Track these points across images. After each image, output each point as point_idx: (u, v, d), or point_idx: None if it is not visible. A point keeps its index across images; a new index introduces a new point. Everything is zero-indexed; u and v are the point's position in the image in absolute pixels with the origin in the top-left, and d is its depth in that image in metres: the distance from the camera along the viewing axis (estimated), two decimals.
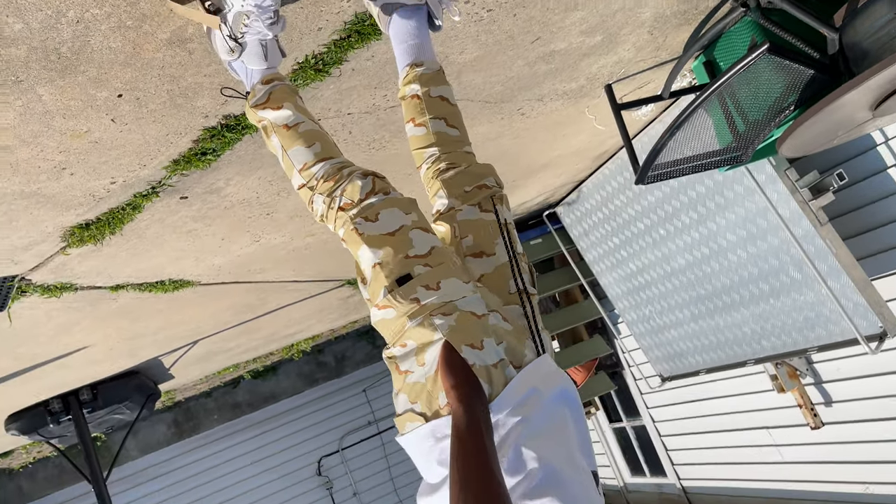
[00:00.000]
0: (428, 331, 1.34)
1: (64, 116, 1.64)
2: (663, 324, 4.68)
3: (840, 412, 4.00)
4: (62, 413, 4.49)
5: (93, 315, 3.33)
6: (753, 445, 4.82)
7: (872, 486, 3.99)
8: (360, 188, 1.47)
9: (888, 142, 3.23)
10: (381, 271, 1.40)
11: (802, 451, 4.38)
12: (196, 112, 1.87)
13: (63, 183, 1.96)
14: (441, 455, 1.33)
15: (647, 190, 4.19)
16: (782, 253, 3.49)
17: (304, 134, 1.50)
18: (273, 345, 6.30)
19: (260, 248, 3.35)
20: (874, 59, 2.27)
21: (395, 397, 1.44)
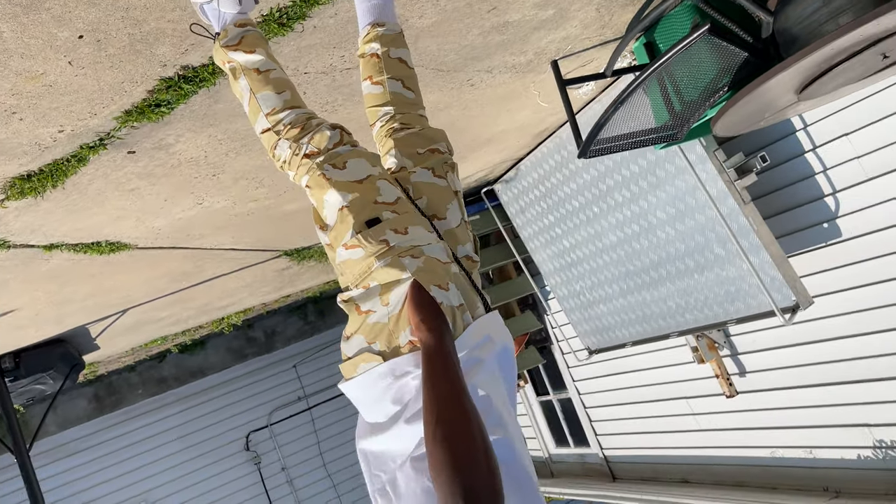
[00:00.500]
0: (396, 270, 1.38)
1: (22, 56, 1.60)
2: (593, 299, 4.87)
3: (753, 382, 4.28)
4: None
5: (22, 276, 3.21)
6: (672, 415, 5.10)
7: (779, 451, 4.30)
8: (329, 138, 1.51)
9: (806, 128, 3.47)
10: (350, 213, 1.43)
11: (717, 419, 4.67)
12: (155, 60, 1.85)
13: (11, 129, 1.90)
14: (398, 393, 1.38)
15: (582, 168, 4.34)
16: (707, 230, 3.70)
17: (274, 80, 1.52)
18: (204, 317, 6.19)
19: (202, 211, 3.30)
20: (802, 45, 2.44)
21: (345, 342, 1.47)
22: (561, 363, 6.17)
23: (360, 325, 1.42)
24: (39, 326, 4.13)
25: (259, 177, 3.14)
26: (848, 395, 3.73)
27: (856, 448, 3.81)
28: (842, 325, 3.59)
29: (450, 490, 1.07)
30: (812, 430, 4.02)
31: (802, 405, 4.02)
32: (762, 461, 4.44)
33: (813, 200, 3.51)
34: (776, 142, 3.54)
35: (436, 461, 1.12)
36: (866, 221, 3.33)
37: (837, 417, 3.83)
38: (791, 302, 3.42)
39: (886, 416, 3.57)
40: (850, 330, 3.57)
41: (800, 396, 4.01)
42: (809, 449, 4.08)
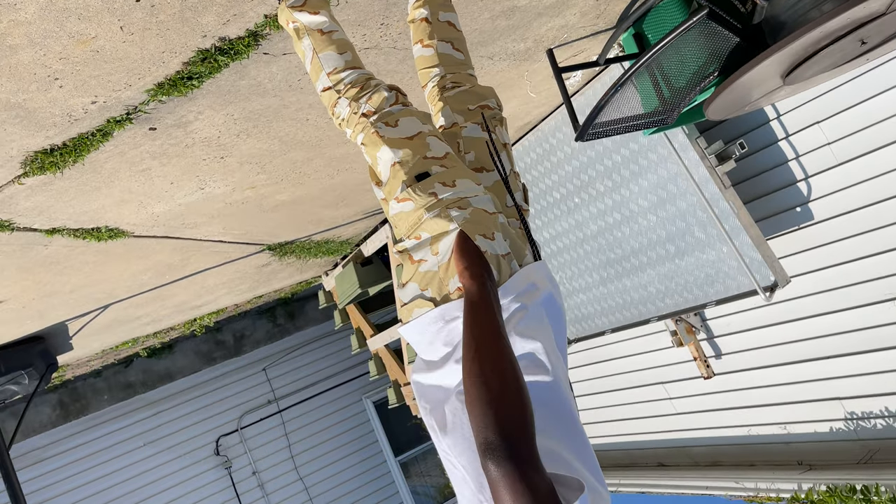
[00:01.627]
0: (444, 221, 1.46)
1: (79, 18, 1.63)
2: (573, 288, 5.02)
3: (729, 363, 4.48)
4: None
5: (19, 262, 3.17)
6: (649, 400, 5.27)
7: (754, 428, 4.51)
8: (385, 99, 1.58)
9: (780, 117, 3.68)
10: (401, 168, 1.52)
11: (694, 402, 4.86)
12: (198, 30, 1.90)
13: (49, 96, 1.92)
14: (448, 336, 1.46)
15: (563, 160, 4.49)
16: (689, 216, 3.89)
17: (337, 41, 1.59)
18: (179, 316, 6.12)
19: (202, 197, 3.32)
20: (790, 30, 2.63)
21: (400, 289, 1.56)
22: None
23: (413, 273, 1.50)
24: (23, 321, 4.05)
25: (262, 162, 3.18)
26: (821, 371, 3.94)
27: (828, 421, 4.03)
28: (815, 304, 3.81)
29: (482, 423, 1.14)
30: (786, 406, 4.23)
31: (777, 383, 4.23)
32: (738, 440, 4.64)
33: (788, 185, 3.72)
34: (753, 130, 3.75)
35: (470, 396, 1.19)
36: (837, 204, 3.56)
37: (810, 393, 4.04)
38: (770, 281, 3.62)
39: (857, 389, 3.80)
40: (823, 308, 3.79)
41: (774, 375, 4.22)
42: (784, 425, 4.29)
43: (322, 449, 8.36)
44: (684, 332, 4.51)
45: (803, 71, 2.69)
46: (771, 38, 2.78)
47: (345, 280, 6.17)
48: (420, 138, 1.57)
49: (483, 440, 1.12)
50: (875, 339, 3.60)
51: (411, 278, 1.51)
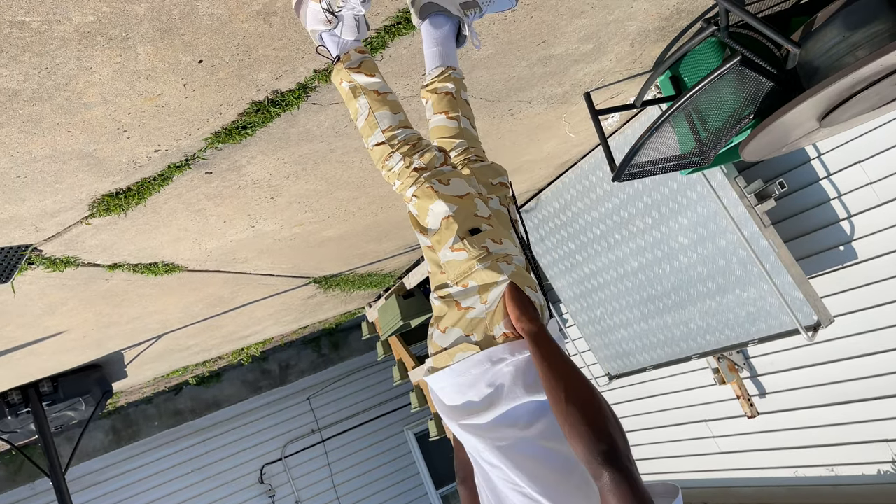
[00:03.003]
0: (494, 273, 1.58)
1: (148, 78, 1.79)
2: (614, 324, 5.03)
3: (773, 402, 4.42)
4: (21, 405, 4.40)
5: (81, 295, 3.36)
6: (692, 438, 5.21)
7: (801, 470, 4.42)
8: (436, 157, 1.71)
9: (820, 156, 3.69)
10: (455, 222, 1.64)
11: (739, 441, 4.79)
12: (252, 84, 2.05)
13: (118, 146, 2.08)
14: (493, 377, 1.57)
15: (603, 197, 4.54)
16: (729, 254, 3.89)
17: (391, 102, 1.73)
18: (228, 346, 6.31)
19: (252, 234, 3.47)
20: (824, 75, 2.67)
21: (440, 334, 1.66)
22: None
23: (458, 318, 1.62)
24: (83, 350, 4.26)
25: (309, 201, 3.33)
26: (867, 412, 3.87)
27: (876, 464, 3.94)
28: (859, 344, 3.75)
29: (594, 438, 1.29)
30: (833, 447, 4.15)
31: (822, 424, 4.16)
32: (784, 481, 4.55)
33: (829, 224, 3.71)
34: (793, 169, 3.76)
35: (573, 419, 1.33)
36: (881, 243, 3.53)
37: (857, 434, 3.96)
38: (812, 321, 3.60)
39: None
40: (867, 348, 3.73)
41: (820, 415, 4.15)
42: (831, 467, 4.20)
43: (364, 479, 8.43)
44: (727, 370, 4.48)
45: (840, 114, 2.72)
46: (806, 81, 2.83)
47: (388, 312, 6.29)
48: (469, 198, 1.70)
49: (600, 452, 1.28)
50: None
51: (456, 323, 1.62)
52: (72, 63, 1.61)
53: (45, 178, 2.11)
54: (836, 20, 2.58)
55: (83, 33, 1.52)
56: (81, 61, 1.62)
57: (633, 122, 4.03)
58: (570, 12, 2.39)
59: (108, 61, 1.66)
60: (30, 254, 2.67)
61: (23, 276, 2.82)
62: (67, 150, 2.00)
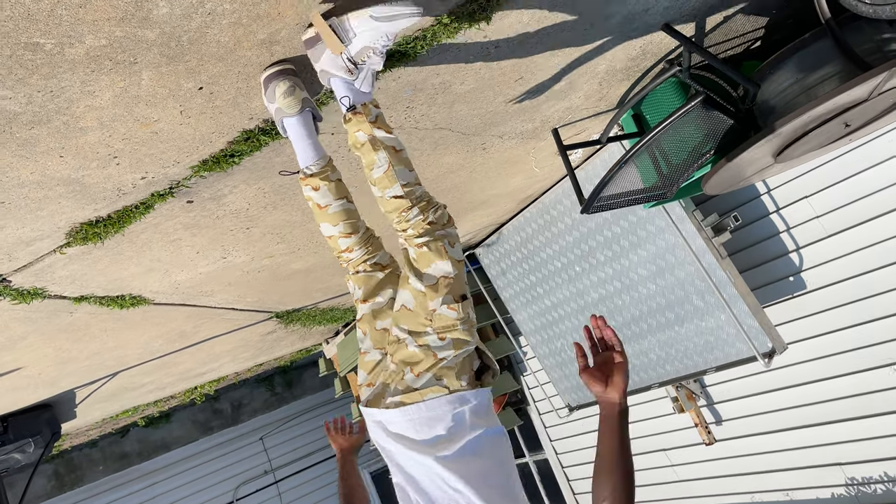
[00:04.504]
0: (468, 336, 1.84)
1: (147, 104, 1.80)
2: (572, 356, 5.12)
3: (730, 429, 4.56)
4: None
5: (43, 329, 3.26)
6: (651, 468, 5.30)
7: (758, 495, 4.55)
8: (446, 216, 1.90)
9: (770, 192, 3.90)
10: (454, 284, 1.84)
11: (696, 469, 4.91)
12: (246, 113, 2.08)
13: (106, 173, 2.07)
14: (459, 414, 1.81)
15: (564, 230, 4.67)
16: (687, 284, 4.05)
17: (406, 160, 1.88)
18: (182, 384, 6.14)
19: (223, 265, 3.45)
20: (779, 115, 2.85)
21: (414, 377, 1.83)
22: (538, 424, 6.34)
23: (432, 365, 1.82)
24: (36, 388, 4.10)
25: (282, 232, 3.33)
26: (820, 437, 4.03)
27: (830, 487, 4.09)
28: (813, 370, 3.93)
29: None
30: (788, 472, 4.29)
31: (778, 449, 4.31)
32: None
33: (781, 255, 3.91)
34: (746, 203, 3.96)
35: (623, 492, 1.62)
36: (829, 273, 3.73)
37: (812, 458, 4.12)
38: (768, 348, 3.76)
39: (857, 454, 3.88)
40: (820, 374, 3.91)
41: (775, 441, 4.30)
42: (787, 491, 4.34)
43: None
44: (685, 399, 4.60)
45: (793, 150, 2.90)
46: (762, 119, 3.01)
47: (347, 347, 6.24)
48: (462, 265, 1.90)
49: None
50: (872, 405, 3.72)
51: (429, 369, 1.82)
52: (76, 87, 1.62)
53: (29, 204, 2.08)
54: (789, 63, 2.78)
55: (93, 56, 1.54)
56: (86, 85, 1.62)
57: (594, 159, 4.18)
58: (549, 50, 2.51)
59: (112, 86, 1.67)
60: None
61: None
62: (56, 176, 1.98)
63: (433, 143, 2.94)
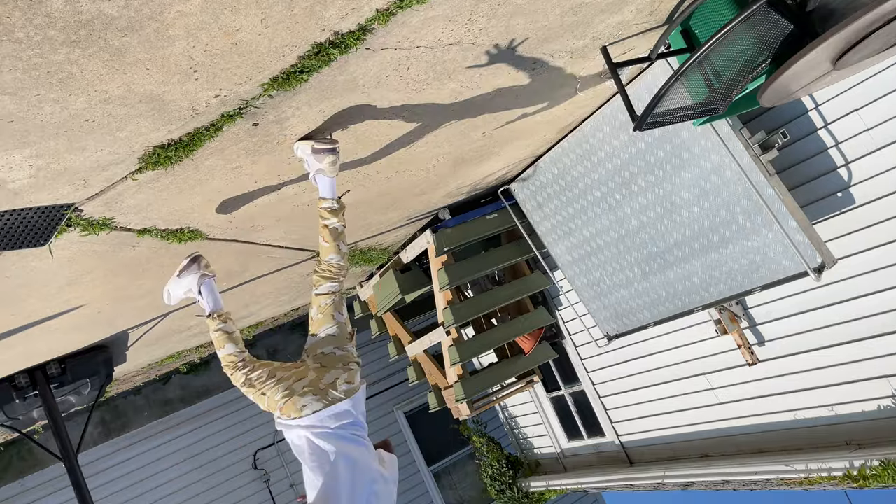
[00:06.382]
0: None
1: (232, 10, 1.80)
2: (613, 284, 5.16)
3: (772, 349, 4.62)
4: (28, 388, 4.31)
5: (106, 264, 3.33)
6: (691, 392, 5.39)
7: (801, 413, 4.63)
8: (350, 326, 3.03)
9: (818, 107, 3.87)
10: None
11: (738, 391, 4.98)
12: (319, 23, 2.07)
13: (185, 88, 2.09)
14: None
15: (605, 158, 4.66)
16: (733, 205, 4.05)
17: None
18: None
19: (276, 198, 3.48)
20: (839, 18, 2.81)
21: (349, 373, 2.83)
22: (573, 357, 6.43)
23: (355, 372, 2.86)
24: (94, 328, 4.19)
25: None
26: (867, 351, 4.08)
27: (876, 399, 4.15)
28: (860, 285, 3.95)
29: None
30: (833, 388, 4.36)
31: (822, 366, 4.36)
32: (783, 425, 4.76)
33: (829, 171, 3.89)
34: (794, 119, 3.93)
35: None
36: (879, 187, 3.72)
37: (858, 373, 4.18)
38: (817, 263, 3.77)
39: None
40: (868, 288, 3.94)
41: (819, 358, 4.36)
42: (831, 407, 4.42)
43: None
44: (728, 321, 4.65)
45: (852, 55, 2.86)
46: (820, 26, 2.97)
47: (384, 287, 6.32)
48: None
49: None
50: None
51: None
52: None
53: (111, 122, 2.10)
54: None
55: None
56: None
57: (637, 82, 4.14)
58: None
59: None
60: (70, 214, 2.64)
61: (58, 239, 2.79)
62: (139, 91, 1.99)
63: (488, 59, 2.92)
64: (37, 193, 2.37)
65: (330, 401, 2.68)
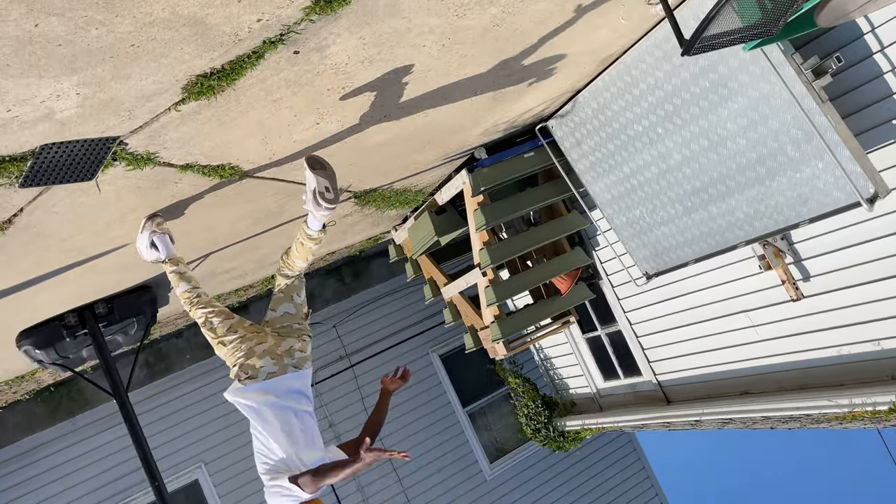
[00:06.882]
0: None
1: None
2: (653, 222, 5.08)
3: (817, 285, 4.53)
4: (77, 328, 4.42)
5: (150, 201, 3.35)
6: (731, 330, 5.35)
7: (845, 348, 4.56)
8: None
9: (874, 30, 3.69)
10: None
11: (780, 327, 4.92)
12: None
13: (227, 11, 2.05)
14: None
15: (647, 91, 4.53)
16: (781, 135, 3.92)
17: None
18: (260, 272, 6.33)
19: (315, 133, 3.45)
20: None
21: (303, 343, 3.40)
22: (610, 297, 6.40)
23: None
24: (138, 268, 4.25)
25: (372, 95, 3.30)
26: None
27: None
28: None
29: None
30: (880, 322, 4.28)
31: (870, 300, 4.28)
32: (827, 361, 4.70)
33: (883, 98, 3.74)
34: (848, 44, 3.76)
35: None
36: None
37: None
38: (870, 193, 3.66)
39: None
40: None
41: (866, 292, 4.27)
42: (877, 341, 4.34)
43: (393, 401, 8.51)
44: (772, 256, 4.57)
45: None
46: None
47: (420, 229, 6.31)
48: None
49: None
50: None
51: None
52: None
53: (155, 48, 2.08)
54: None
55: None
56: None
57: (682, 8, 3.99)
58: None
59: None
60: (116, 147, 2.65)
61: (104, 174, 2.80)
62: (183, 14, 1.96)
63: None
64: (83, 125, 2.37)
65: (284, 367, 3.06)
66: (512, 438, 9.17)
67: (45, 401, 7.02)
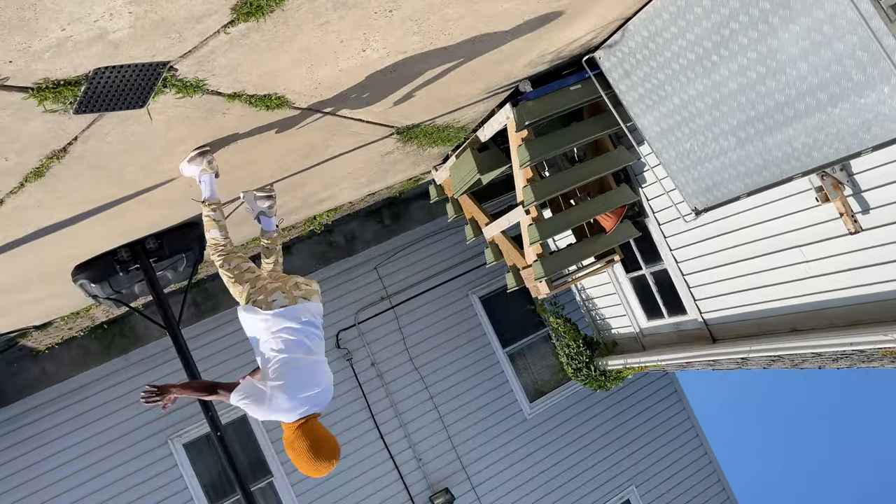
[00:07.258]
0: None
1: None
2: (705, 155, 4.93)
3: (878, 217, 4.38)
4: (129, 262, 4.51)
5: (198, 133, 3.35)
6: (781, 266, 5.23)
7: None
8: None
9: None
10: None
11: (835, 262, 4.79)
12: None
13: None
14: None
15: (702, 15, 4.33)
16: (846, 58, 3.73)
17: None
18: (305, 211, 6.36)
19: (360, 62, 3.38)
20: None
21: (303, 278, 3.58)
22: (656, 235, 6.30)
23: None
24: (186, 203, 4.29)
25: (420, 20, 3.21)
26: None
27: None
28: None
29: None
30: None
31: None
32: (884, 296, 4.58)
33: None
34: None
35: None
36: None
37: None
38: None
39: None
40: None
41: None
42: None
43: (434, 342, 8.69)
44: (830, 188, 4.41)
45: None
46: None
47: (461, 168, 6.24)
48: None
49: None
50: None
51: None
52: None
53: None
54: None
55: None
56: None
57: None
58: None
59: None
60: (166, 73, 2.63)
61: (155, 102, 2.79)
62: None
63: None
64: (135, 48, 2.35)
65: (294, 299, 3.34)
66: (552, 379, 9.23)
67: (98, 338, 7.24)
